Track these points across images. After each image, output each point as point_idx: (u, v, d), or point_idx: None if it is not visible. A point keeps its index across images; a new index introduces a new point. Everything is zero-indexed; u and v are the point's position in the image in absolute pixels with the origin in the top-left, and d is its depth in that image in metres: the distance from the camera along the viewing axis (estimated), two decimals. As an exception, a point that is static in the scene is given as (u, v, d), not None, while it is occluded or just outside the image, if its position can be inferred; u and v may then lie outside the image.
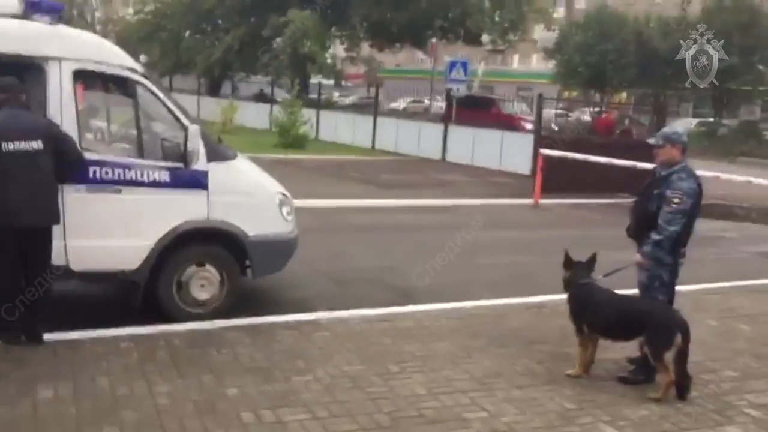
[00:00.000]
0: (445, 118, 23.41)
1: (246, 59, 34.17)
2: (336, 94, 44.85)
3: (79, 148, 5.39)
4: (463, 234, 10.42)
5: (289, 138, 23.04)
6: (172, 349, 5.34)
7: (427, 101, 36.22)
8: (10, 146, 4.94)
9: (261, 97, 33.50)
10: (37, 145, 5.03)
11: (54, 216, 5.22)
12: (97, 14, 52.37)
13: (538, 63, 57.07)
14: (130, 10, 47.04)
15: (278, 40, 31.31)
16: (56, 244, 5.37)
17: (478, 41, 35.92)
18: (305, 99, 26.50)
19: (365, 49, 39.34)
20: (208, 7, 33.11)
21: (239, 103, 29.72)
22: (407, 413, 4.51)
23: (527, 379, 5.19)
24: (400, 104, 40.12)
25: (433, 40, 36.71)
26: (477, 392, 4.91)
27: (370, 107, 28.71)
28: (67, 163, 5.25)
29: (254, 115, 29.94)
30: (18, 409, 4.22)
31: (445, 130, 22.63)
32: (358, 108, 34.21)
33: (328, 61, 33.45)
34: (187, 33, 36.60)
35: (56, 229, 5.34)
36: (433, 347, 5.74)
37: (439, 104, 31.09)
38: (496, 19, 33.62)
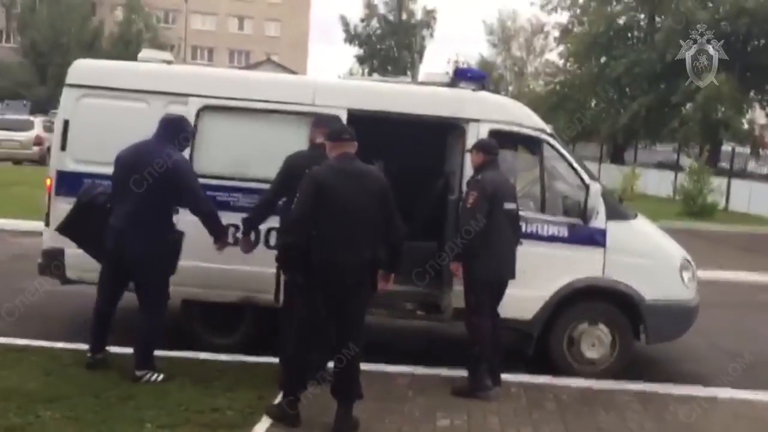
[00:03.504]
0: None
1: (651, 126, 33.25)
2: (752, 163, 41.05)
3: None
4: None
5: (695, 207, 21.66)
6: (560, 403, 5.40)
7: None
8: (507, 206, 5.46)
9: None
10: (514, 205, 5.54)
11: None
12: (510, 88, 56.22)
13: None
14: (540, 82, 49.52)
15: (688, 105, 29.88)
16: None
17: None
18: (715, 167, 24.78)
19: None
20: (617, 75, 33.16)
21: (641, 170, 28.97)
22: None
23: None
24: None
25: None
26: None
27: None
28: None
29: (656, 183, 28.88)
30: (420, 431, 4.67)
31: None
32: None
33: (745, 126, 30.83)
34: (593, 102, 37.00)
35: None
36: None
37: None
38: None
